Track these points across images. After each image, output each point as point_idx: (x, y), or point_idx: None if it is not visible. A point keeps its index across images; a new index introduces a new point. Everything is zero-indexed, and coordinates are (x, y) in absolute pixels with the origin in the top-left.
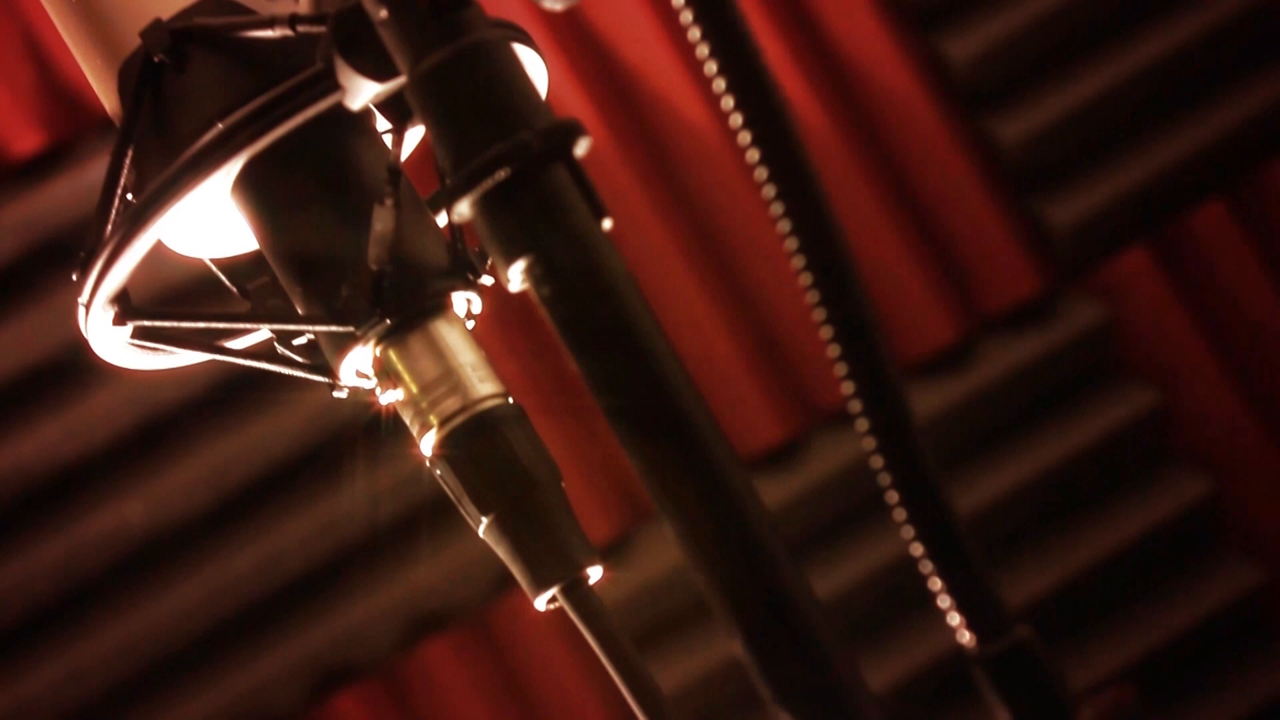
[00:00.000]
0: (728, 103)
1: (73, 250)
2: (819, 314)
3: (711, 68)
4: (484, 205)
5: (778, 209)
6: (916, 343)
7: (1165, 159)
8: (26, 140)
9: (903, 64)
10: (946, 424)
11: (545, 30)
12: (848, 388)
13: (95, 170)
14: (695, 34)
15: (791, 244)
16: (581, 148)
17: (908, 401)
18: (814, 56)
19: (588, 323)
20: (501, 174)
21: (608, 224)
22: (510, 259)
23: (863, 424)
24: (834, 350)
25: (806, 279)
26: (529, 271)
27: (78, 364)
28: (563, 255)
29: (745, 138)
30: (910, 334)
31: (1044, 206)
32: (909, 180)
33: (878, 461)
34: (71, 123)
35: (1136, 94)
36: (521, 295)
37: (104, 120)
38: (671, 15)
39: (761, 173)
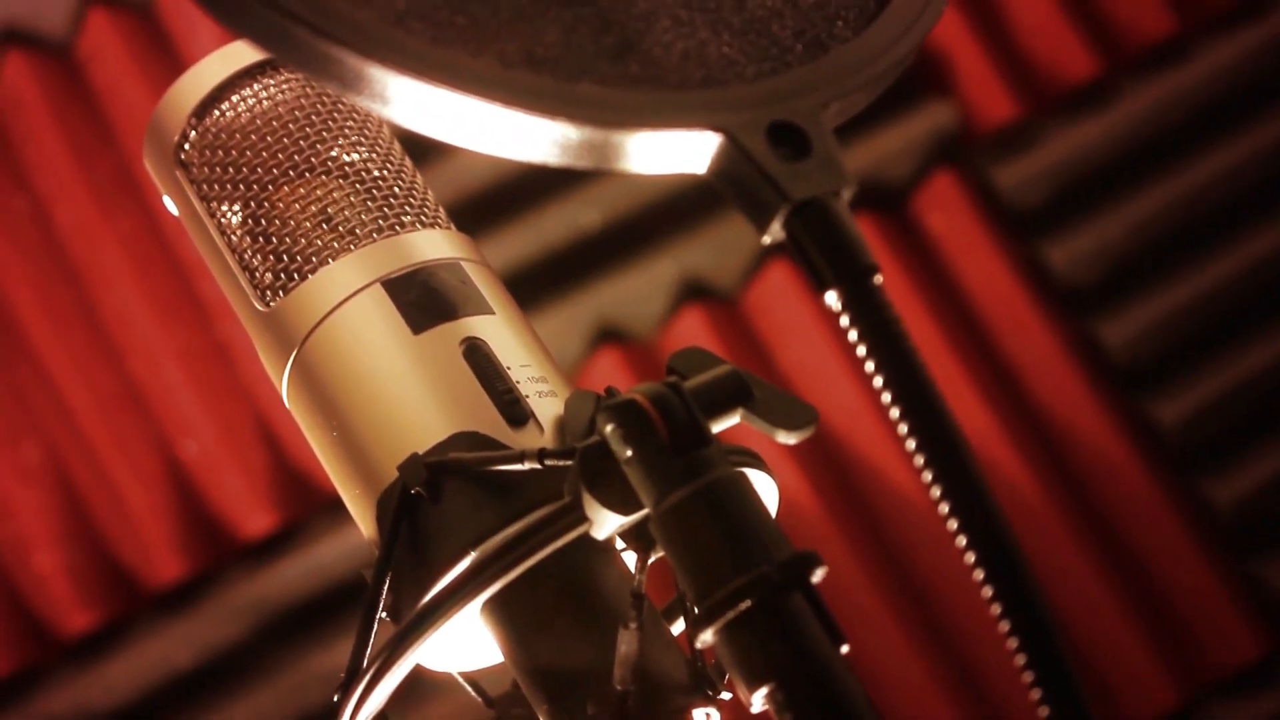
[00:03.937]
0: (927, 479)
1: (301, 630)
2: (1031, 688)
3: (921, 462)
4: (726, 634)
5: (983, 584)
6: (1136, 709)
7: None
8: (258, 522)
9: (1112, 428)
10: None
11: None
12: None
13: (324, 551)
14: (887, 398)
15: (1000, 621)
16: (818, 575)
17: None
18: (1022, 423)
19: None
20: (743, 605)
21: (845, 649)
22: (753, 686)
23: None
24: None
25: (1020, 659)
26: (770, 698)
27: None
28: (803, 684)
29: (945, 513)
30: (1130, 699)
31: (1262, 568)
32: (1122, 543)
33: None
34: (302, 503)
35: None
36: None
37: (333, 501)
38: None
39: (964, 546)
